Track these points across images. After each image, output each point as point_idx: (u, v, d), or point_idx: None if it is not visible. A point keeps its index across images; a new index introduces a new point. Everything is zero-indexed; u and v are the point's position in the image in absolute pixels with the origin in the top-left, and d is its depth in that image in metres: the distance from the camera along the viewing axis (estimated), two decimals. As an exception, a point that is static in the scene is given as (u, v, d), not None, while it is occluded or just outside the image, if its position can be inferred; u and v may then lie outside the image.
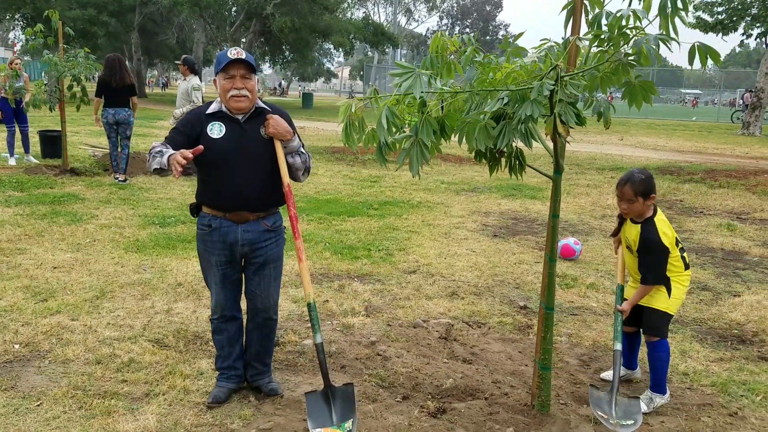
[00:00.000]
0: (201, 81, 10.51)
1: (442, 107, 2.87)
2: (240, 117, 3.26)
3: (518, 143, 2.86)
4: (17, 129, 11.03)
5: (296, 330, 4.40)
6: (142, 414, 3.23)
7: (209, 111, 3.27)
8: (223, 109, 3.26)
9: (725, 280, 5.96)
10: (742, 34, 28.40)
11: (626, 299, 3.59)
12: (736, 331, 4.74)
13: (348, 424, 3.09)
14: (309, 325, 4.46)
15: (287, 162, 3.30)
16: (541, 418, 3.36)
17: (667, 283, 3.45)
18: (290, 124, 3.32)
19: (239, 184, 3.22)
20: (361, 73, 61.89)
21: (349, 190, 10.12)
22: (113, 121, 9.29)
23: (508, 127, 2.60)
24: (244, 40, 36.05)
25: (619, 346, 3.44)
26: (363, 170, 12.36)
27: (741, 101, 38.65)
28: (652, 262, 3.42)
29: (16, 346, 3.94)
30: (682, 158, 16.51)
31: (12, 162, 10.64)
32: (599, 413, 3.27)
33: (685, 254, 3.51)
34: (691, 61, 2.34)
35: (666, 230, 3.40)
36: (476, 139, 2.56)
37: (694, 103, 65.80)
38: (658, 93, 2.75)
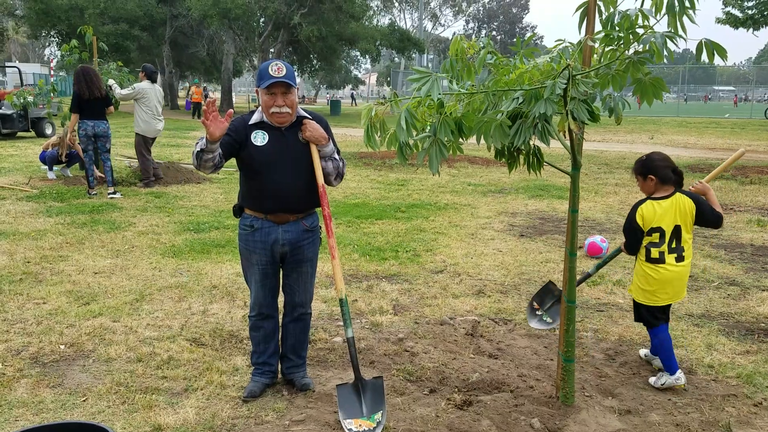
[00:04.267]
0: (156, 86, 10.39)
1: (461, 108, 2.99)
2: (282, 126, 3.42)
3: (536, 141, 2.97)
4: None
5: (326, 328, 4.54)
6: (182, 407, 3.40)
7: (252, 121, 3.42)
8: (265, 119, 3.41)
9: (754, 275, 5.94)
10: (774, 29, 27.92)
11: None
12: (764, 325, 4.75)
13: (378, 416, 3.21)
14: (339, 323, 4.60)
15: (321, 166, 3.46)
16: (565, 409, 3.44)
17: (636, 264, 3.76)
18: (327, 130, 3.48)
19: (280, 188, 3.38)
20: (388, 79, 62.11)
21: (376, 193, 10.26)
22: (92, 133, 9.29)
23: (524, 125, 2.71)
24: (272, 50, 36.51)
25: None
26: (390, 174, 12.49)
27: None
28: (624, 229, 3.82)
29: (62, 347, 4.16)
30: (713, 156, 16.32)
31: (51, 175, 11.01)
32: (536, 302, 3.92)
33: (660, 248, 3.62)
34: (698, 57, 2.43)
35: (644, 213, 3.65)
36: (492, 137, 2.67)
37: (735, 100, 64.94)
38: (669, 89, 2.83)
